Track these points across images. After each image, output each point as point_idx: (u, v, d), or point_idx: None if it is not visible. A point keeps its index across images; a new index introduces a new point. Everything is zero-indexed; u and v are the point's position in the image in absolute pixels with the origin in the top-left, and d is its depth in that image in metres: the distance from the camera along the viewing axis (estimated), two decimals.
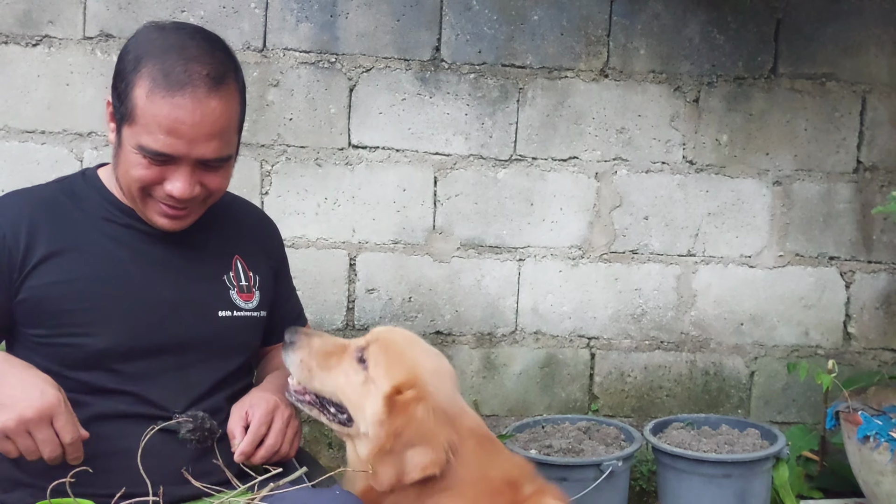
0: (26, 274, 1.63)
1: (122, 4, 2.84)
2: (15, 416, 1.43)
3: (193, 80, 1.56)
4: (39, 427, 1.45)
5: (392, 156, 2.99)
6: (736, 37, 3.09)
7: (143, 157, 1.59)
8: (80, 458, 1.50)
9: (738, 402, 3.21)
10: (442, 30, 2.98)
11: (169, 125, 1.56)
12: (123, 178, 1.65)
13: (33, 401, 1.44)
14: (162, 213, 1.67)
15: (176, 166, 1.61)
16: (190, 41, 1.62)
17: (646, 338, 3.16)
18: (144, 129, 1.57)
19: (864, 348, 3.23)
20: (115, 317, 1.64)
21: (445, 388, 1.64)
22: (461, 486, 1.53)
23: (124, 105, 1.59)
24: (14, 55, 2.82)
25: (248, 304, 1.81)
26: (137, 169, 1.60)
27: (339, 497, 1.51)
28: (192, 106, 1.56)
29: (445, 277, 3.05)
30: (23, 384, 1.47)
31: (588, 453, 2.70)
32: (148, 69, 1.57)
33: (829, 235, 3.18)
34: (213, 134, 1.60)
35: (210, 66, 1.59)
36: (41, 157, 2.85)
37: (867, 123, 3.16)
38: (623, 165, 3.08)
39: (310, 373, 1.68)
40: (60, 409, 1.46)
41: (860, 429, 2.55)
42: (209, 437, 1.66)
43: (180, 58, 1.58)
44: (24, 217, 1.65)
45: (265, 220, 2.04)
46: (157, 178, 1.62)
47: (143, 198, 1.65)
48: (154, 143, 1.57)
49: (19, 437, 1.44)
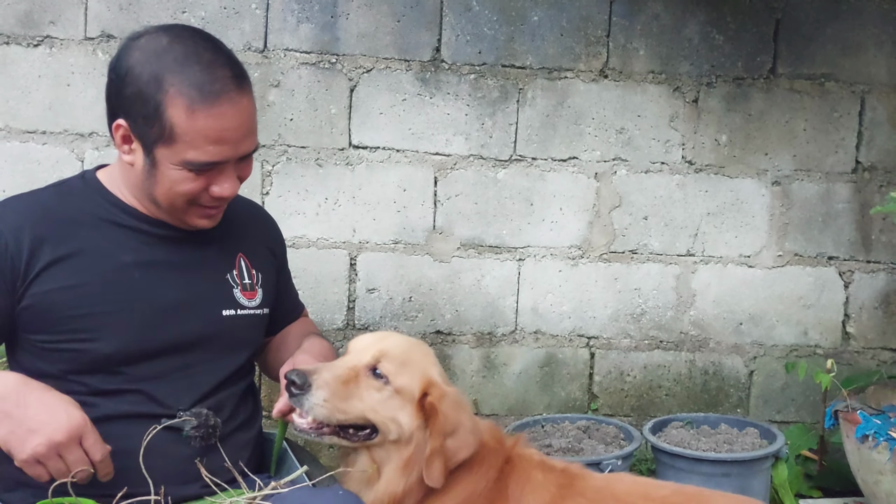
0: (30, 281, 1.62)
1: (124, 5, 2.85)
2: (45, 440, 1.44)
3: (226, 86, 1.60)
4: (70, 449, 1.46)
5: (392, 156, 3.00)
6: (735, 37, 3.09)
7: (189, 171, 1.61)
8: (110, 473, 1.52)
9: (738, 401, 3.21)
10: (442, 30, 2.99)
11: (217, 136, 1.59)
12: (165, 196, 1.65)
13: (61, 423, 1.45)
14: (204, 216, 1.71)
15: (221, 170, 1.64)
16: (196, 46, 1.63)
17: (645, 337, 3.16)
18: (189, 145, 1.59)
19: (862, 348, 3.24)
20: (120, 321, 1.65)
21: (441, 373, 1.74)
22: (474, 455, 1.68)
23: (157, 127, 1.58)
24: (15, 55, 2.83)
25: (251, 303, 1.83)
26: (184, 184, 1.63)
27: (341, 497, 1.51)
28: (232, 112, 1.61)
29: (445, 277, 3.05)
30: (47, 407, 1.47)
31: (588, 452, 2.70)
32: (176, 87, 1.57)
33: (828, 235, 3.19)
34: (251, 130, 1.68)
35: (228, 66, 1.63)
36: (42, 157, 2.86)
37: (866, 123, 3.16)
38: (623, 165, 3.09)
39: (334, 408, 1.61)
40: (88, 428, 1.48)
41: (859, 428, 2.55)
42: (213, 435, 1.67)
43: (201, 67, 1.59)
44: (26, 223, 1.64)
45: (266, 216, 2.06)
46: (204, 187, 1.65)
47: (187, 207, 1.68)
48: (203, 155, 1.60)
49: (50, 460, 1.45)
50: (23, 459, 1.44)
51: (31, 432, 1.44)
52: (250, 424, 1.84)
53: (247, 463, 1.75)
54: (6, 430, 1.45)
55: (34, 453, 1.43)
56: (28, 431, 1.44)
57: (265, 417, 2.26)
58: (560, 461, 1.79)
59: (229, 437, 1.73)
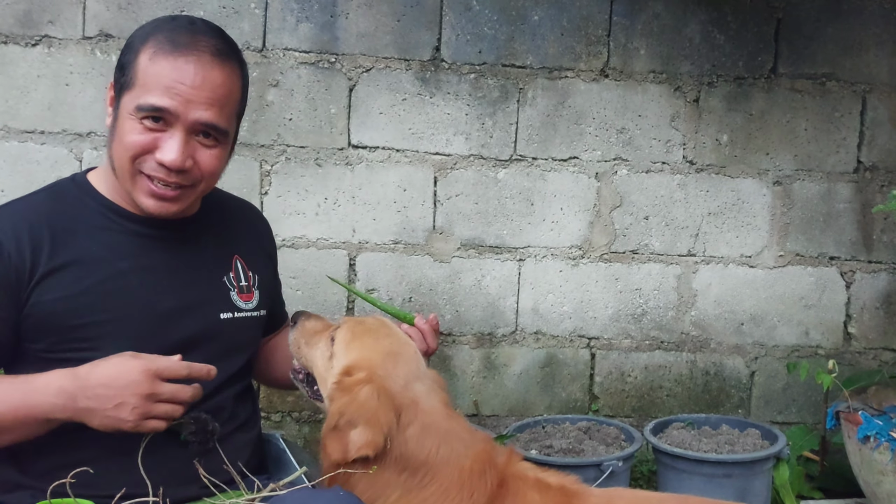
0: (32, 289, 1.61)
1: (122, 4, 2.84)
2: (134, 402, 1.48)
3: (199, 47, 1.60)
4: (159, 390, 1.50)
5: (392, 156, 2.99)
6: (736, 37, 3.09)
7: (139, 120, 1.59)
8: (211, 368, 1.59)
9: (739, 402, 3.21)
10: (442, 30, 2.98)
11: (169, 83, 1.58)
12: (117, 153, 1.62)
13: (132, 380, 1.49)
14: (150, 193, 1.63)
15: (170, 133, 1.60)
16: (200, 23, 1.67)
17: (646, 338, 3.15)
18: (144, 88, 1.58)
19: (864, 348, 3.23)
20: (119, 329, 1.64)
21: (400, 373, 1.66)
22: (431, 475, 1.58)
23: (126, 74, 1.61)
24: (14, 55, 2.82)
25: (248, 305, 1.82)
26: (131, 135, 1.59)
27: (340, 498, 1.50)
28: (194, 70, 1.59)
29: (446, 277, 3.05)
30: (110, 379, 1.50)
31: (588, 453, 2.70)
32: (154, 39, 1.61)
33: (830, 235, 3.18)
34: (212, 100, 1.61)
35: (217, 41, 1.64)
36: (41, 157, 2.85)
37: (867, 123, 3.16)
38: (623, 165, 3.08)
39: (299, 349, 1.81)
40: (152, 365, 1.51)
41: (860, 429, 2.55)
42: (210, 439, 1.66)
43: (189, 31, 1.62)
44: (24, 231, 1.62)
45: (260, 217, 2.05)
46: (150, 146, 1.60)
47: (133, 173, 1.62)
48: (151, 98, 1.58)
49: (155, 409, 1.50)
50: (132, 427, 1.49)
51: (118, 407, 1.48)
52: (250, 426, 1.84)
53: (246, 464, 1.74)
54: (100, 420, 1.49)
55: (137, 416, 1.48)
56: (116, 408, 1.48)
57: (263, 418, 2.26)
58: (557, 476, 1.68)
59: (228, 438, 1.72)
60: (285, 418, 2.99)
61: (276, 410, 2.98)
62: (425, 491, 1.57)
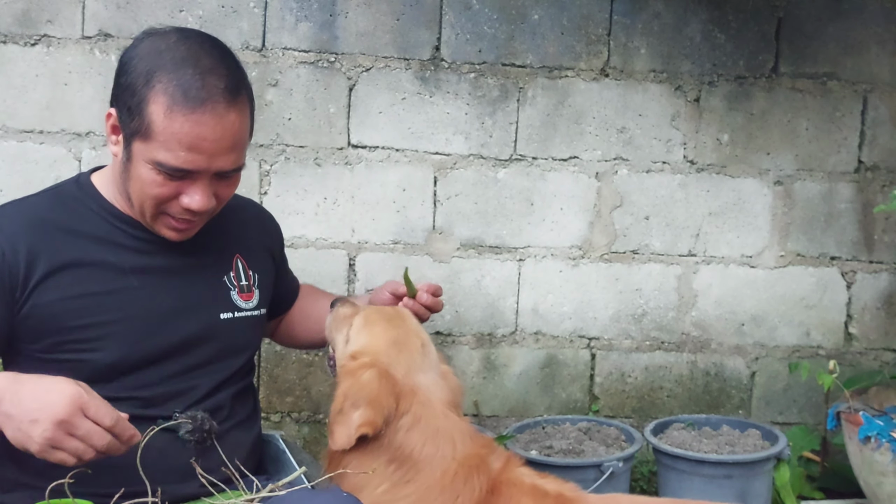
0: (30, 291, 1.61)
1: (121, 4, 2.83)
2: (48, 423, 1.38)
3: (213, 95, 1.56)
4: (76, 423, 1.40)
5: (392, 155, 2.99)
6: (737, 36, 3.08)
7: (159, 173, 1.58)
8: (135, 435, 1.47)
9: (739, 402, 3.20)
10: (442, 29, 2.97)
11: (190, 142, 1.55)
12: (136, 195, 1.63)
13: (56, 402, 1.40)
14: (171, 227, 1.67)
15: (192, 181, 1.60)
16: (201, 51, 1.61)
17: (646, 338, 3.15)
18: (163, 146, 1.56)
19: (865, 348, 3.22)
20: (120, 331, 1.64)
21: (402, 361, 1.68)
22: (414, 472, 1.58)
23: (136, 120, 1.57)
24: (12, 54, 2.81)
25: (248, 304, 1.83)
26: (153, 187, 1.60)
27: (339, 498, 1.50)
28: (213, 122, 1.56)
29: (445, 277, 3.04)
30: (41, 392, 1.42)
31: (588, 454, 2.69)
32: (163, 84, 1.55)
33: (831, 235, 3.17)
34: (232, 147, 1.61)
35: (226, 77, 1.59)
36: (39, 157, 2.84)
37: (868, 123, 3.15)
38: (624, 165, 3.08)
39: (330, 334, 1.88)
40: (85, 398, 1.41)
41: (861, 429, 2.54)
42: (208, 438, 1.67)
43: (196, 71, 1.56)
44: (22, 233, 1.62)
45: (263, 214, 2.06)
46: (173, 194, 1.61)
47: (155, 214, 1.65)
48: (174, 160, 1.56)
49: (65, 441, 1.40)
50: (38, 451, 1.40)
51: (33, 423, 1.39)
52: (249, 425, 1.84)
53: (245, 463, 1.74)
54: (12, 431, 1.42)
55: (44, 440, 1.39)
56: (30, 423, 1.39)
57: (263, 419, 2.25)
58: (555, 483, 1.65)
59: (227, 437, 1.72)
60: (285, 418, 2.98)
61: (275, 411, 2.97)
62: (407, 487, 1.57)
